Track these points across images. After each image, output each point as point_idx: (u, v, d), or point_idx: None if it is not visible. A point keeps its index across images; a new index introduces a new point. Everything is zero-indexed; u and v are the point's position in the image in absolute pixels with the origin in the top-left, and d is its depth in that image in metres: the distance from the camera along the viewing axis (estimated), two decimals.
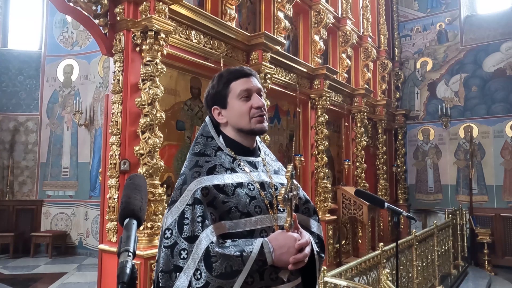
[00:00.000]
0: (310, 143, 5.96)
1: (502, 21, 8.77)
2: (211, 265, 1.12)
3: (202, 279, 1.12)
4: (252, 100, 1.35)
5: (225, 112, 1.37)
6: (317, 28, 6.23)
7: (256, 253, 1.15)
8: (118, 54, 3.43)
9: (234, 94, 1.35)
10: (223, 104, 1.37)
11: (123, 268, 0.83)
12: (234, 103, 1.35)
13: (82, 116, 8.36)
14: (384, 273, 2.99)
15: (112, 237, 3.32)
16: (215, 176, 1.27)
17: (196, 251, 1.15)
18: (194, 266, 1.14)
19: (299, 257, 1.19)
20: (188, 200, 1.22)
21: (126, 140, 3.33)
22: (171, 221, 1.22)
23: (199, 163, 1.31)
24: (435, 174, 9.22)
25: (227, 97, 1.36)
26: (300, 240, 1.20)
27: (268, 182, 1.36)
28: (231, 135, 1.39)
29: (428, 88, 9.52)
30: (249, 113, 1.34)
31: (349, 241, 6.64)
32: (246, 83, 1.36)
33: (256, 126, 1.34)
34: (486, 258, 7.54)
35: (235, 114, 1.35)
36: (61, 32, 8.91)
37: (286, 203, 1.20)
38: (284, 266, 1.21)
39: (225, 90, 1.37)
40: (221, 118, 1.39)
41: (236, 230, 1.22)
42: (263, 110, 1.35)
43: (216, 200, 1.23)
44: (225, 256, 1.13)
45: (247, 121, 1.34)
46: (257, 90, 1.37)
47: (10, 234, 8.03)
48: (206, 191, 1.23)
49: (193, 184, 1.24)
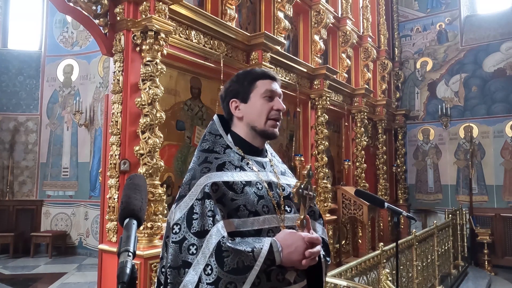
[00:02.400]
0: (310, 143, 5.96)
1: (502, 21, 8.77)
2: (223, 260, 1.11)
3: (213, 275, 1.10)
4: (274, 102, 1.38)
5: (243, 107, 1.38)
6: (317, 28, 6.23)
7: (266, 250, 1.15)
8: (118, 54, 3.43)
9: (259, 92, 1.37)
10: (245, 98, 1.38)
11: (123, 268, 0.82)
12: (257, 100, 1.37)
13: (82, 116, 8.36)
14: (384, 273, 2.99)
15: (112, 237, 3.32)
16: (225, 173, 1.27)
17: (207, 245, 1.13)
18: (204, 261, 1.12)
19: (314, 251, 1.18)
20: (198, 194, 1.21)
21: (126, 140, 3.33)
22: (180, 216, 1.21)
23: (208, 159, 1.31)
24: (435, 174, 9.22)
25: (250, 93, 1.38)
26: (309, 236, 1.20)
27: (276, 183, 1.36)
28: (241, 132, 1.39)
29: (428, 88, 9.52)
30: (268, 113, 1.36)
31: (349, 241, 6.64)
32: (272, 84, 1.40)
33: (269, 129, 1.37)
34: (486, 258, 7.54)
35: (254, 110, 1.37)
36: (61, 32, 8.92)
37: (299, 198, 1.19)
38: (292, 266, 1.21)
39: (250, 85, 1.38)
40: (237, 112, 1.39)
41: (244, 229, 1.21)
42: (280, 115, 1.39)
43: (225, 197, 1.22)
44: (237, 251, 1.12)
45: (263, 121, 1.36)
46: (279, 94, 1.42)
47: (10, 234, 8.03)
48: (215, 187, 1.22)
49: (203, 179, 1.24)
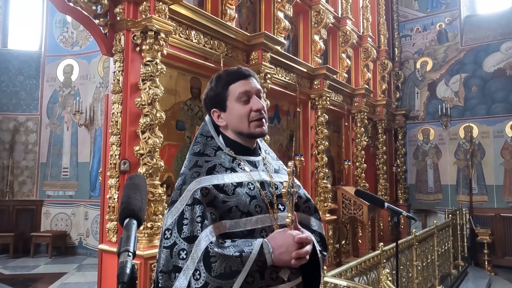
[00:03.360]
0: (310, 143, 5.96)
1: (502, 21, 8.77)
2: (210, 265, 1.12)
3: (201, 280, 1.12)
4: (251, 103, 1.32)
5: (224, 115, 1.35)
6: (317, 28, 6.23)
7: (255, 253, 1.15)
8: (118, 54, 3.43)
9: (233, 97, 1.33)
10: (223, 107, 1.35)
11: (123, 268, 0.82)
12: (234, 106, 1.33)
13: (82, 116, 8.36)
14: (384, 273, 2.99)
15: (112, 237, 3.32)
16: (215, 176, 1.27)
17: (196, 251, 1.14)
18: (193, 266, 1.14)
19: (302, 252, 1.19)
20: (188, 200, 1.21)
21: (126, 140, 3.33)
22: (171, 222, 1.22)
23: (198, 163, 1.30)
24: (435, 174, 9.22)
25: (226, 100, 1.34)
26: (299, 235, 1.20)
27: (269, 181, 1.36)
28: (231, 136, 1.38)
29: (428, 88, 9.52)
30: (249, 116, 1.32)
31: (349, 241, 6.64)
32: (245, 85, 1.33)
33: (256, 130, 1.33)
34: (486, 258, 7.54)
35: (234, 117, 1.33)
36: (61, 32, 8.91)
37: (289, 197, 1.20)
38: (284, 266, 1.21)
39: (224, 92, 1.34)
40: (220, 121, 1.37)
41: (236, 230, 1.22)
42: (263, 113, 1.33)
43: (216, 199, 1.22)
44: (224, 256, 1.13)
45: (246, 125, 1.32)
46: (256, 91, 1.35)
47: (10, 234, 8.03)
48: (206, 191, 1.22)
49: (193, 185, 1.24)
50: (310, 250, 1.23)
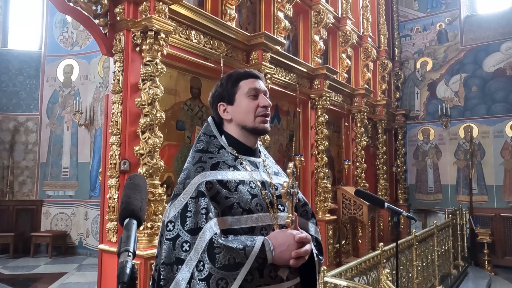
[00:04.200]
0: (310, 143, 5.96)
1: (502, 21, 8.77)
2: (215, 256, 1.13)
3: (205, 271, 1.13)
4: (259, 99, 1.40)
5: (231, 109, 1.41)
6: (317, 28, 6.23)
7: (258, 247, 1.17)
8: (118, 54, 3.43)
9: (243, 92, 1.40)
10: (231, 100, 1.41)
11: (123, 268, 0.83)
12: (242, 100, 1.40)
13: (82, 116, 8.36)
14: (384, 273, 2.99)
15: (112, 237, 3.32)
16: (219, 172, 1.29)
17: (200, 242, 1.16)
18: (197, 257, 1.15)
19: (301, 251, 1.20)
20: (192, 193, 1.23)
21: (126, 140, 3.33)
22: (174, 214, 1.23)
23: (202, 159, 1.34)
24: (435, 174, 9.22)
25: (235, 94, 1.41)
26: (299, 235, 1.22)
27: (269, 182, 1.39)
28: (234, 133, 1.42)
29: (428, 88, 9.52)
30: (255, 111, 1.39)
31: (349, 241, 6.65)
32: (255, 83, 1.42)
33: (260, 125, 1.39)
34: (486, 258, 7.54)
35: (241, 110, 1.39)
36: (61, 32, 8.92)
37: (288, 197, 1.22)
38: (284, 264, 1.22)
39: (234, 87, 1.42)
40: (226, 115, 1.42)
41: (237, 226, 1.24)
42: (268, 111, 1.41)
43: (219, 195, 1.25)
44: (228, 248, 1.14)
45: (252, 119, 1.38)
46: (264, 91, 1.43)
47: (10, 234, 8.03)
48: (210, 185, 1.25)
49: (197, 178, 1.26)
50: (309, 250, 1.25)
